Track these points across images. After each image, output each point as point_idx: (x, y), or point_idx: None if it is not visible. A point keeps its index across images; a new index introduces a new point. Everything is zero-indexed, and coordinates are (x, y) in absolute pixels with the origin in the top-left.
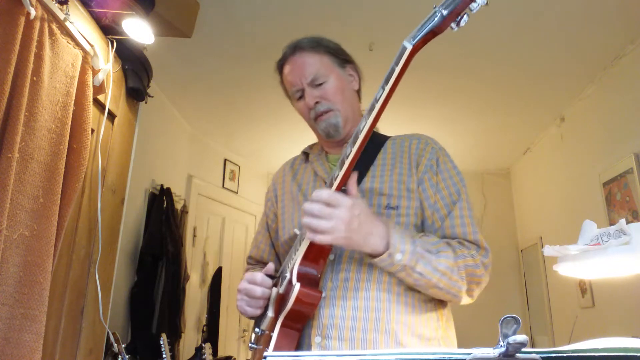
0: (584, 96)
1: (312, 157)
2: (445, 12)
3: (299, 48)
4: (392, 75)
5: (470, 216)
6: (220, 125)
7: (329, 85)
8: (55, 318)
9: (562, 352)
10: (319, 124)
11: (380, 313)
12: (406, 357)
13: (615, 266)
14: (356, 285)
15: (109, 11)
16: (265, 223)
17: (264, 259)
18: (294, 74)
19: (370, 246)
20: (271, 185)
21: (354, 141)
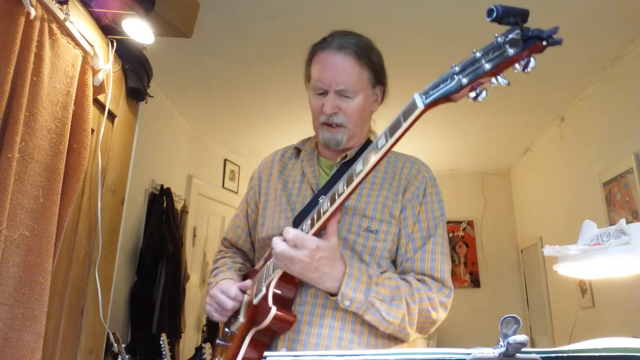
0: (584, 96)
1: (304, 156)
2: (465, 80)
3: (344, 48)
4: (398, 129)
5: (442, 252)
6: (220, 125)
7: (353, 104)
8: (55, 318)
9: (562, 352)
10: (323, 132)
11: (343, 332)
12: (406, 357)
13: (615, 266)
14: (324, 302)
15: (109, 11)
16: (245, 211)
17: (238, 244)
18: (328, 72)
19: (324, 286)
20: (256, 172)
21: (348, 182)
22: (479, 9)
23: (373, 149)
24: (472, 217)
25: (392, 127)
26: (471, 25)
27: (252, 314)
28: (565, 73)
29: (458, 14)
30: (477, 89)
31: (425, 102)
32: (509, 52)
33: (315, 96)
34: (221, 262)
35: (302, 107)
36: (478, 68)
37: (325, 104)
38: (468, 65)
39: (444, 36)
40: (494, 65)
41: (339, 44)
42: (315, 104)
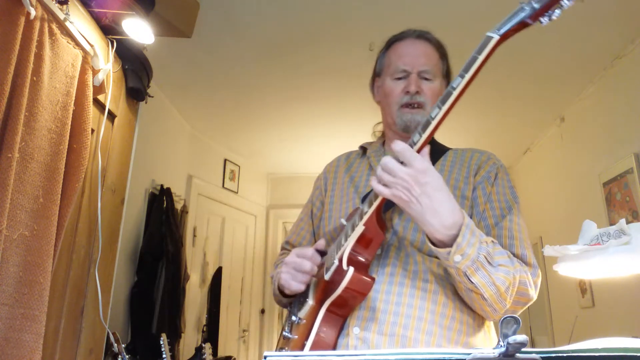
0: (584, 96)
1: (370, 152)
2: (537, 5)
3: (424, 37)
4: (473, 64)
5: (520, 230)
6: (220, 125)
7: (433, 86)
8: (55, 318)
9: (562, 352)
10: (404, 114)
11: (423, 312)
12: (406, 357)
13: (615, 266)
14: (402, 281)
15: (109, 11)
16: (310, 210)
17: (302, 245)
18: (412, 55)
19: (428, 226)
20: (322, 174)
21: (425, 127)
22: (477, 10)
23: (448, 90)
24: None
25: (466, 65)
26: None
27: (324, 290)
28: (565, 73)
29: (457, 12)
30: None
31: (500, 32)
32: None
33: (394, 81)
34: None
35: (302, 107)
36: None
37: (409, 83)
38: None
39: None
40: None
41: (418, 33)
42: (394, 87)
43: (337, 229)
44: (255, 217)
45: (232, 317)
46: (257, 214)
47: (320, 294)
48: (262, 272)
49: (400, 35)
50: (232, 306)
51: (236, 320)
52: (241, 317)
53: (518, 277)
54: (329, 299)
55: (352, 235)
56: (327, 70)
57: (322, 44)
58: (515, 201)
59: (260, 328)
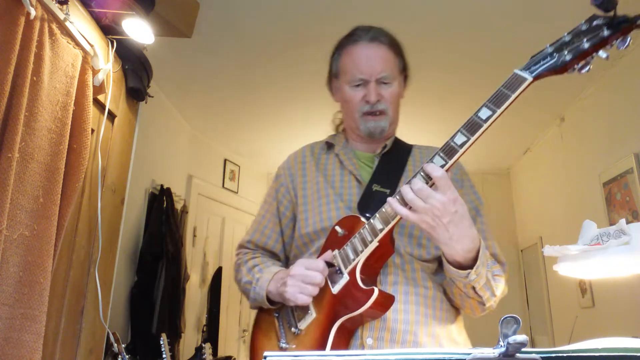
0: (584, 96)
1: (338, 149)
2: (569, 57)
3: (377, 39)
4: (505, 100)
5: (490, 231)
6: (220, 125)
7: (393, 90)
8: (55, 318)
9: (562, 352)
10: (367, 122)
11: (427, 318)
12: (406, 357)
13: (615, 266)
14: (405, 289)
15: (109, 11)
16: (276, 209)
17: (267, 245)
18: (367, 63)
19: (449, 250)
20: (284, 169)
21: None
22: (474, 11)
23: (475, 121)
24: None
25: (496, 99)
26: (466, 26)
27: (333, 304)
28: (565, 74)
29: (455, 13)
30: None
31: (533, 74)
32: (604, 33)
33: (352, 88)
34: (258, 261)
35: (303, 107)
36: (578, 46)
37: (369, 92)
38: (562, 46)
39: (439, 37)
40: (593, 44)
41: (371, 36)
42: (353, 95)
43: (318, 232)
44: None
45: (232, 317)
46: None
47: (328, 307)
48: None
49: (352, 38)
50: (232, 306)
51: (236, 320)
52: (241, 317)
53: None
54: (345, 316)
55: (365, 251)
56: (327, 70)
57: (322, 44)
58: (480, 202)
59: None
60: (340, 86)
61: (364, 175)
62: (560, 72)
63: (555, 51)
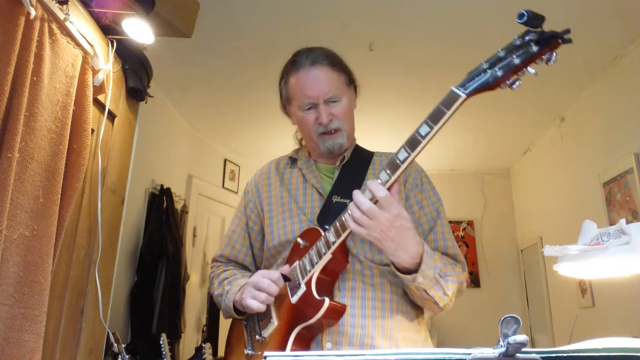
0: (584, 96)
1: (301, 164)
2: (500, 73)
3: (318, 62)
4: (442, 117)
5: (450, 232)
6: (220, 125)
7: (342, 106)
8: (55, 318)
9: (562, 352)
10: (324, 141)
11: (384, 321)
12: (406, 357)
13: (615, 266)
14: (363, 294)
15: (109, 11)
16: (245, 224)
17: (237, 259)
18: (312, 87)
19: (397, 258)
20: (251, 185)
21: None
22: (473, 13)
23: (416, 137)
24: (472, 217)
25: (433, 116)
26: (469, 25)
27: (292, 313)
28: (565, 73)
29: (454, 15)
30: (510, 80)
31: (466, 92)
32: (533, 49)
33: (304, 112)
34: (229, 273)
35: None
36: (509, 62)
37: (320, 115)
38: (496, 62)
39: (438, 38)
40: (523, 60)
41: (311, 60)
42: (307, 119)
43: (283, 244)
44: None
45: None
46: None
47: (287, 315)
48: None
49: (294, 65)
50: None
51: None
52: None
53: (460, 280)
54: (302, 324)
55: (320, 262)
56: None
57: (322, 44)
58: (440, 203)
59: None
60: (293, 111)
61: (326, 187)
62: (492, 89)
63: (490, 67)
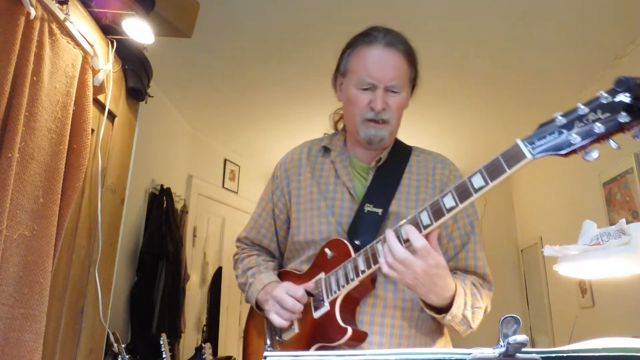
0: (584, 96)
1: (335, 156)
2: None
3: (394, 45)
4: (500, 175)
5: (481, 249)
6: (220, 125)
7: (399, 99)
8: (55, 318)
9: (562, 352)
10: (367, 128)
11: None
12: (406, 357)
13: (615, 266)
14: (383, 311)
15: (109, 11)
16: (271, 211)
17: (263, 243)
18: (379, 68)
19: (426, 299)
20: (281, 171)
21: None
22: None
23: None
24: None
25: (491, 170)
26: (470, 25)
27: (313, 327)
28: (565, 73)
29: (458, 13)
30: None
31: (534, 154)
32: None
33: (359, 91)
34: (252, 261)
35: (302, 106)
36: (590, 130)
37: (375, 99)
38: (575, 120)
39: (443, 37)
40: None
41: (387, 40)
42: (359, 98)
43: (308, 242)
44: None
45: (232, 317)
46: None
47: (308, 327)
48: None
49: (368, 38)
50: (232, 306)
51: (236, 320)
52: (241, 317)
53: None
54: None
55: (347, 287)
56: (327, 70)
57: (322, 43)
58: (476, 216)
59: None
60: (346, 86)
61: (358, 186)
62: (564, 156)
63: (565, 126)
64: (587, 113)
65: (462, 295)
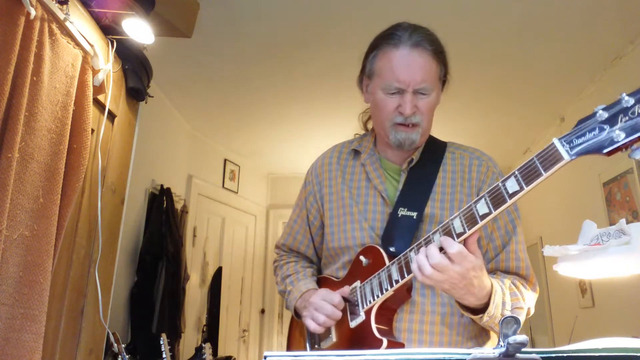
0: (584, 96)
1: (365, 159)
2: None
3: (421, 46)
4: (536, 178)
5: (524, 250)
6: (220, 125)
7: (429, 101)
8: (55, 318)
9: (562, 352)
10: (398, 132)
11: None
12: (406, 357)
13: (615, 266)
14: (421, 318)
15: (109, 11)
16: (305, 217)
17: (300, 250)
18: (407, 71)
19: (465, 301)
20: (312, 177)
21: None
22: (473, 13)
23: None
24: None
25: (527, 172)
26: (471, 25)
27: (349, 337)
28: (565, 73)
29: (459, 13)
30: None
31: (572, 154)
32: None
33: (387, 96)
34: (291, 269)
35: (303, 107)
36: (636, 124)
37: (404, 104)
38: (618, 114)
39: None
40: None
41: (414, 41)
42: (387, 103)
43: (342, 248)
44: (255, 217)
45: (232, 317)
46: (257, 214)
47: (345, 337)
48: (262, 272)
49: (391, 40)
50: (232, 306)
51: (236, 320)
52: (241, 317)
53: (527, 306)
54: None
55: (381, 297)
56: (327, 70)
57: (322, 44)
58: (517, 214)
59: (260, 328)
60: (373, 89)
61: (390, 189)
62: (608, 155)
63: (607, 121)
64: (633, 105)
65: (500, 294)
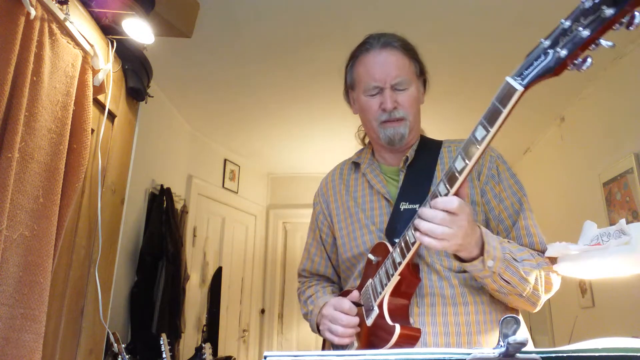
0: (584, 96)
1: (365, 168)
2: (565, 52)
3: (389, 45)
4: (498, 117)
5: (535, 225)
6: (220, 125)
7: (409, 94)
8: (55, 318)
9: (562, 352)
10: (385, 129)
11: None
12: (406, 357)
13: (615, 266)
14: (443, 310)
15: (109, 11)
16: (319, 237)
17: (319, 271)
18: (381, 70)
19: (469, 253)
20: (318, 197)
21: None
22: (472, 13)
23: (472, 142)
24: None
25: (489, 116)
26: (471, 25)
27: (369, 336)
28: (565, 73)
29: (458, 13)
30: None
31: (523, 83)
32: (607, 12)
33: (369, 98)
34: (311, 291)
35: (303, 107)
36: (575, 37)
37: (384, 100)
38: (559, 36)
39: (443, 38)
40: (594, 29)
41: (383, 42)
42: (370, 104)
43: (356, 256)
44: (255, 217)
45: (232, 317)
46: (257, 214)
47: (365, 338)
48: (262, 272)
49: (364, 47)
50: (232, 306)
51: (236, 320)
52: (241, 317)
53: (542, 269)
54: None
55: (389, 284)
56: (327, 70)
57: (322, 44)
58: (523, 192)
59: (260, 328)
60: (356, 97)
61: (392, 191)
62: (557, 74)
63: (551, 45)
64: (571, 25)
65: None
